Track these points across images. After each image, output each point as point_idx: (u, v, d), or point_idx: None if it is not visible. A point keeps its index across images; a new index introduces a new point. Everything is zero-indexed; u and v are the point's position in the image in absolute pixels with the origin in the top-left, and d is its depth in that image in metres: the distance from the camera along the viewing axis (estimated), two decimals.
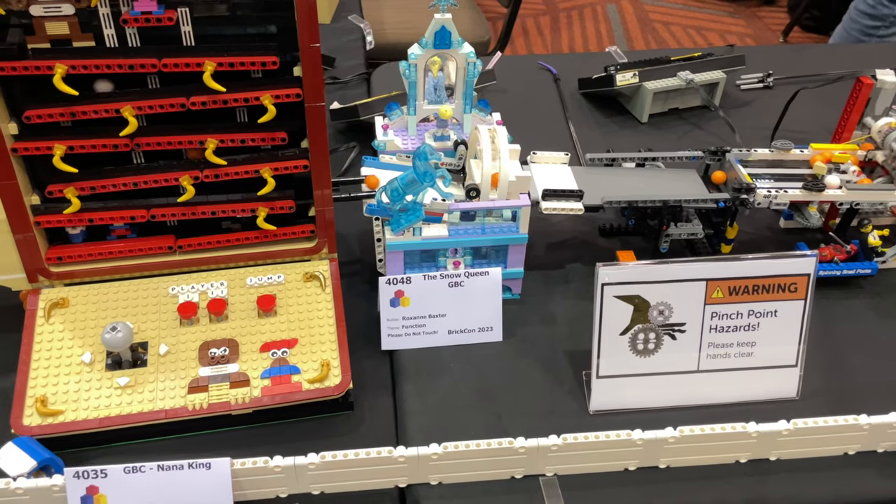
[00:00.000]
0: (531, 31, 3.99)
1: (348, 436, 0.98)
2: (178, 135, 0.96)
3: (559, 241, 1.29)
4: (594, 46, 3.86)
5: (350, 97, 1.64)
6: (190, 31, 0.92)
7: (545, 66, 1.78)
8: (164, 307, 1.01)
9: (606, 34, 4.00)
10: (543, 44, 3.91)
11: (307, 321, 1.01)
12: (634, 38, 3.98)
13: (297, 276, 1.05)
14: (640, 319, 0.96)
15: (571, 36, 3.94)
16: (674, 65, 1.60)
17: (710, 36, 3.97)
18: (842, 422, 0.91)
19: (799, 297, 0.97)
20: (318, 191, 1.02)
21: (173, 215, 1.01)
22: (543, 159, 1.21)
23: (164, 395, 0.94)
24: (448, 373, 1.05)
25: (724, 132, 1.56)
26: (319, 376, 0.96)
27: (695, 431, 0.90)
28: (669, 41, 3.92)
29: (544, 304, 1.16)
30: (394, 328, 1.06)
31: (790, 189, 1.14)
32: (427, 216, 1.07)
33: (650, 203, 1.13)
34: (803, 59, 1.84)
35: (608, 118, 1.62)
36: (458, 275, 1.06)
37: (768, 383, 1.00)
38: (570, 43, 3.89)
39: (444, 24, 1.13)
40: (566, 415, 1.00)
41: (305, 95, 0.95)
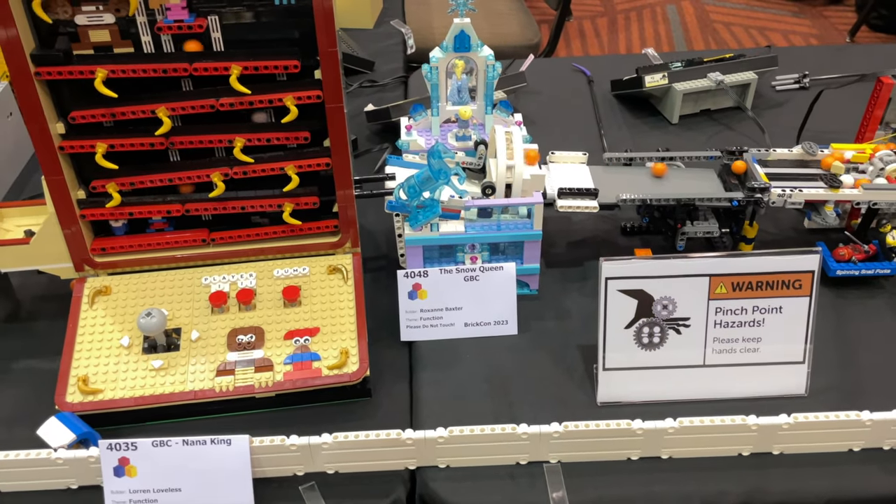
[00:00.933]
0: (588, 33, 3.99)
1: (365, 420, 1.03)
2: (209, 134, 1.03)
3: (580, 239, 1.31)
4: (651, 44, 3.83)
5: (387, 100, 1.70)
6: (219, 38, 0.99)
7: (579, 67, 1.81)
8: (198, 296, 1.08)
9: (665, 35, 3.97)
10: (600, 45, 3.90)
11: (329, 311, 1.07)
12: (694, 38, 3.94)
13: (322, 268, 1.11)
14: (644, 313, 0.99)
15: (629, 38, 3.92)
16: (705, 66, 1.61)
17: (773, 36, 3.90)
18: (843, 417, 0.92)
19: (804, 294, 0.98)
20: (340, 187, 1.08)
21: (206, 210, 1.08)
22: (562, 159, 1.25)
23: (195, 377, 1.01)
24: (463, 364, 1.10)
25: (755, 133, 1.56)
26: (338, 363, 1.01)
27: (695, 423, 0.92)
28: (730, 42, 3.87)
29: (561, 301, 1.19)
30: (412, 320, 1.11)
31: (805, 188, 1.14)
32: (444, 213, 1.11)
33: (664, 201, 1.15)
34: (843, 59, 1.82)
35: (639, 119, 1.64)
36: (474, 269, 1.10)
37: (776, 380, 1.02)
38: (628, 45, 3.87)
39: (463, 28, 1.17)
40: (575, 406, 1.03)
41: (325, 97, 1.00)
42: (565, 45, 3.94)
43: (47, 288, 1.20)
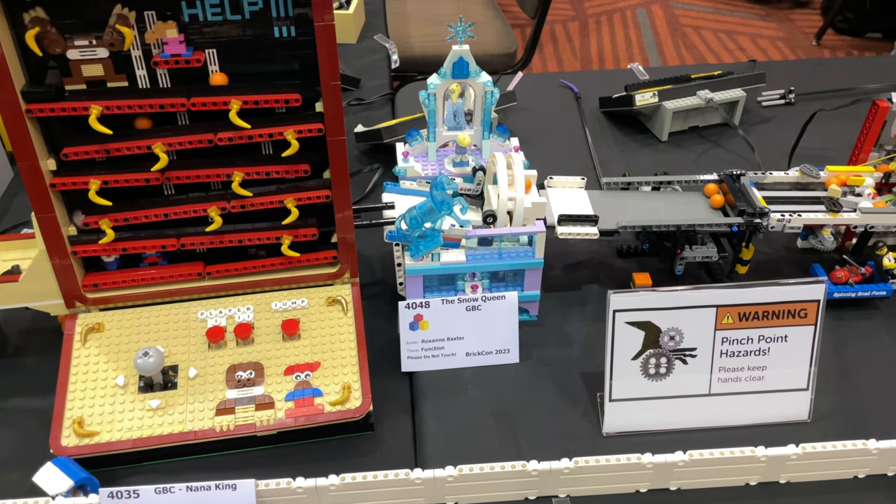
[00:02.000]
0: (560, 38, 4.00)
1: (368, 456, 1.01)
2: (207, 168, 1.01)
3: (577, 262, 1.31)
4: (623, 52, 3.86)
5: (374, 118, 1.69)
6: (218, 71, 0.97)
7: (567, 84, 1.81)
8: (194, 331, 1.06)
9: (636, 40, 4.00)
10: (572, 50, 3.92)
11: (329, 344, 1.05)
12: (664, 42, 3.97)
13: (321, 300, 1.09)
14: (651, 344, 0.98)
15: (600, 42, 3.95)
16: (694, 83, 1.61)
17: (741, 40, 3.95)
18: (850, 446, 0.92)
19: (809, 323, 0.98)
20: (340, 219, 1.06)
21: (202, 244, 1.06)
22: (560, 184, 1.24)
23: (194, 416, 0.98)
24: (466, 394, 1.09)
25: (744, 150, 1.57)
26: (341, 399, 1.00)
27: (704, 455, 0.92)
28: (699, 45, 3.91)
29: (561, 326, 1.19)
30: (413, 351, 1.10)
31: (804, 213, 1.15)
32: (445, 242, 1.10)
33: (664, 227, 1.15)
34: (828, 72, 1.84)
35: (628, 136, 1.64)
36: (476, 298, 1.09)
37: (779, 406, 1.02)
38: (599, 49, 3.90)
39: (462, 55, 1.16)
40: (580, 437, 1.03)
41: (327, 130, 0.99)
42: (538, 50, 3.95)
43: (33, 322, 1.17)
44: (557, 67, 3.76)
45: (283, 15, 0.94)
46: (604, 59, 3.87)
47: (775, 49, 3.91)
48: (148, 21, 0.92)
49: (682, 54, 3.89)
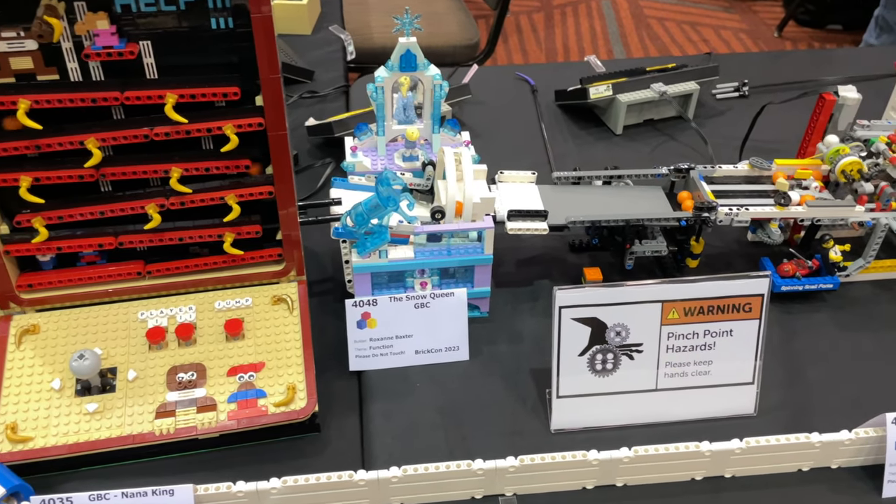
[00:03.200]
0: (525, 29, 3.99)
1: (315, 457, 1.00)
2: (144, 164, 0.98)
3: (529, 257, 1.30)
4: (588, 44, 3.87)
5: (328, 111, 1.66)
6: (153, 63, 0.94)
7: (523, 77, 1.79)
8: (134, 332, 1.03)
9: (601, 31, 4.01)
10: (537, 41, 3.92)
11: (274, 344, 1.03)
12: (629, 34, 3.99)
13: (266, 299, 1.07)
14: (597, 340, 0.98)
15: (566, 34, 3.94)
16: (648, 76, 1.61)
17: (704, 31, 3.98)
18: (794, 440, 0.93)
19: (754, 317, 0.99)
20: (284, 216, 1.04)
21: (141, 242, 1.03)
22: (510, 178, 1.23)
23: (132, 420, 0.96)
24: (415, 393, 1.07)
25: (699, 143, 1.57)
26: (285, 400, 0.98)
27: (649, 451, 0.92)
28: (664, 37, 3.93)
29: (512, 322, 1.18)
30: (361, 349, 1.08)
31: (752, 206, 1.15)
32: (393, 238, 1.09)
33: (613, 222, 1.14)
34: (782, 65, 1.86)
35: (583, 130, 1.64)
36: (424, 296, 1.08)
37: (726, 401, 1.02)
38: (564, 41, 3.90)
39: (409, 47, 1.15)
40: (529, 434, 1.02)
41: (267, 124, 0.96)
42: (502, 41, 3.94)
43: None
44: (522, 59, 3.75)
45: (219, 6, 0.91)
46: (569, 50, 3.87)
47: (737, 41, 3.94)
48: (78, 12, 0.89)
49: (647, 46, 3.90)
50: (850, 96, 1.21)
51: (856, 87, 1.23)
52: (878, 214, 1.15)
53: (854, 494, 0.95)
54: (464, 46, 2.66)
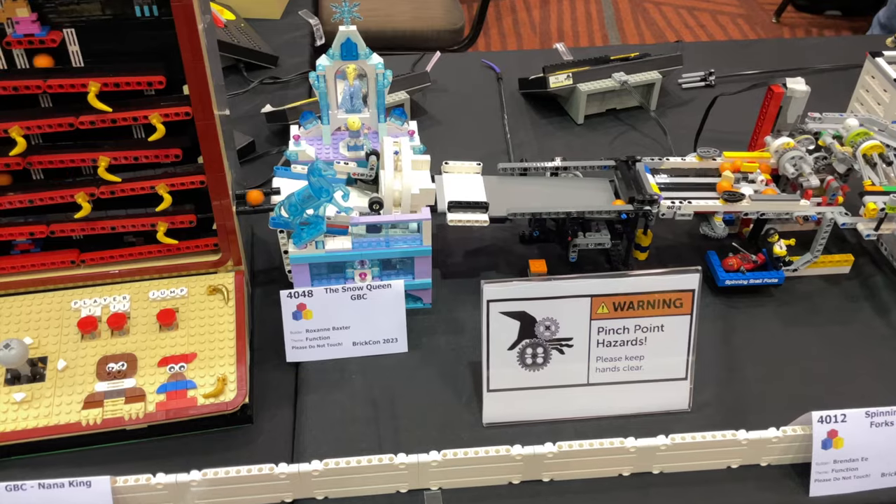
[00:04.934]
0: (520, 11, 3.96)
1: (245, 449, 0.99)
2: (72, 153, 0.97)
3: (477, 248, 1.29)
4: (583, 28, 3.84)
5: (290, 97, 1.65)
6: (77, 51, 0.93)
7: (488, 63, 1.78)
8: (66, 321, 1.02)
9: (597, 15, 3.98)
10: (531, 24, 3.89)
11: (207, 335, 1.03)
12: (625, 18, 3.95)
13: (201, 289, 1.07)
14: (527, 335, 0.97)
15: (561, 17, 3.91)
16: (610, 65, 1.60)
17: (701, 17, 3.94)
18: (720, 437, 0.92)
19: (685, 313, 0.98)
20: (217, 206, 1.03)
21: (73, 231, 1.03)
22: (456, 169, 1.22)
23: (60, 410, 0.95)
24: (350, 385, 1.07)
25: (659, 133, 1.56)
26: (215, 391, 0.98)
27: (573, 447, 0.91)
28: (660, 21, 3.89)
29: (454, 314, 1.17)
30: (298, 340, 1.08)
31: (694, 200, 1.14)
32: (330, 229, 1.08)
33: (553, 215, 1.14)
34: (748, 55, 1.83)
35: (545, 119, 1.62)
36: (361, 287, 1.07)
37: (659, 396, 1.02)
38: (559, 24, 3.87)
39: (349, 35, 1.13)
40: (462, 428, 1.02)
41: (194, 113, 0.95)
42: (496, 21, 3.91)
43: None
44: (516, 43, 3.73)
45: None
46: (563, 34, 3.84)
47: (734, 26, 3.91)
48: None
49: (642, 31, 3.87)
50: (798, 88, 1.19)
51: (812, 81, 1.22)
52: (823, 209, 1.14)
53: (781, 493, 0.95)
54: (448, 31, 2.64)
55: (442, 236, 1.30)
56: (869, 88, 1.48)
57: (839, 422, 0.91)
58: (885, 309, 1.18)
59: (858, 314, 1.17)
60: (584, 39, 3.82)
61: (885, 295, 1.20)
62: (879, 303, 1.19)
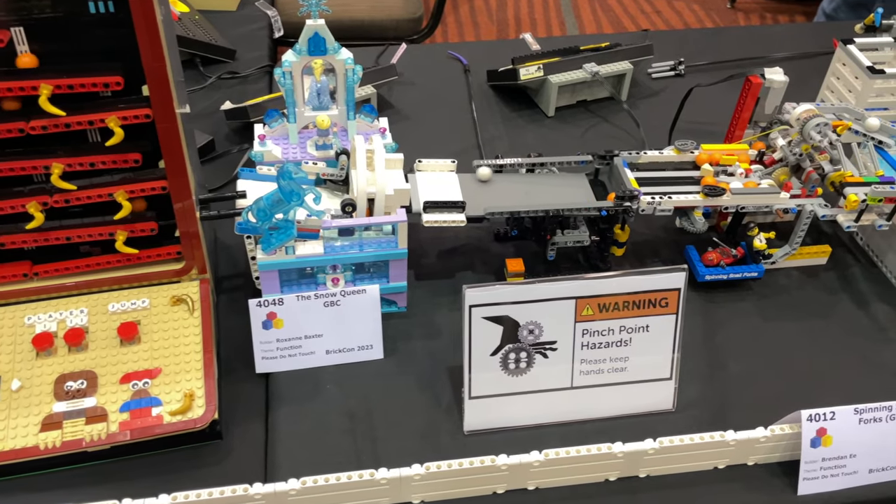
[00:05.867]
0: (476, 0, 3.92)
1: (215, 467, 0.95)
2: (22, 160, 0.91)
3: (452, 247, 1.26)
4: (540, 17, 3.81)
5: (250, 92, 1.59)
6: (27, 52, 0.87)
7: (455, 55, 1.74)
8: (20, 338, 0.96)
9: (553, 2, 3.96)
10: (488, 13, 3.85)
11: (172, 348, 0.98)
12: (581, 5, 3.94)
13: (164, 299, 1.01)
14: (510, 339, 0.94)
15: (517, 4, 3.89)
16: (580, 56, 1.57)
17: (657, 3, 3.93)
18: (707, 439, 0.91)
19: (670, 312, 0.96)
20: (179, 212, 0.98)
21: (25, 242, 0.96)
22: (430, 167, 1.18)
23: (16, 433, 0.90)
24: (325, 395, 1.03)
25: (632, 125, 1.54)
26: (181, 408, 0.93)
27: (560, 454, 0.89)
28: (616, 8, 3.89)
29: (431, 317, 1.14)
30: (268, 350, 1.03)
31: (675, 195, 1.12)
32: (301, 233, 1.03)
33: (532, 213, 1.10)
34: (718, 43, 1.82)
35: (515, 112, 1.59)
36: (334, 293, 1.03)
37: (644, 397, 1.00)
38: (516, 12, 3.84)
39: (317, 30, 1.08)
40: (443, 435, 0.99)
41: (155, 116, 0.90)
42: (453, 13, 3.87)
43: None
44: (474, 32, 3.69)
45: None
46: (520, 22, 3.81)
47: (690, 12, 3.92)
48: None
49: (599, 18, 3.86)
50: (776, 79, 1.18)
51: (783, 70, 1.20)
52: (802, 201, 1.13)
53: (769, 492, 0.93)
54: (407, 20, 2.59)
55: (415, 236, 1.26)
56: (840, 76, 1.47)
57: (828, 419, 0.89)
58: (864, 301, 1.17)
59: (838, 306, 1.17)
60: (541, 28, 3.80)
61: (864, 286, 1.19)
62: (858, 294, 1.19)
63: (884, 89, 1.41)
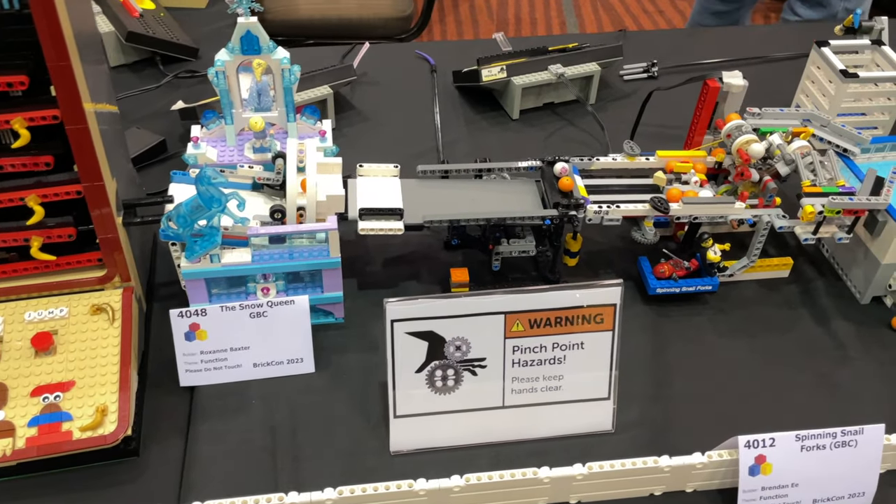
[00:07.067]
0: None
1: (129, 486, 0.91)
2: None
3: (399, 255, 1.21)
4: (541, 15, 3.77)
5: (209, 92, 1.54)
6: None
7: (422, 55, 1.69)
8: None
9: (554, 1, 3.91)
10: (489, 11, 3.81)
11: (89, 360, 0.94)
12: (583, 3, 3.89)
13: (84, 308, 0.97)
14: (436, 356, 0.90)
15: (518, 2, 3.84)
16: (547, 57, 1.52)
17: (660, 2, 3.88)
18: (641, 464, 0.86)
19: (606, 329, 0.91)
20: (96, 217, 0.93)
21: None
22: (372, 172, 1.13)
23: None
24: (249, 411, 0.99)
25: (598, 129, 1.48)
26: (92, 423, 0.89)
27: (482, 480, 0.84)
28: (617, 7, 3.83)
29: (369, 329, 1.09)
30: (192, 363, 0.99)
31: (623, 204, 1.07)
32: (228, 240, 0.99)
33: (473, 221, 1.06)
34: (695, 43, 1.77)
35: (479, 114, 1.54)
36: (261, 305, 0.99)
37: (581, 417, 0.95)
38: (517, 10, 3.80)
39: (249, 28, 1.04)
40: (368, 455, 0.94)
41: (63, 117, 0.86)
42: (452, 9, 3.82)
43: None
44: (473, 31, 3.65)
45: None
46: (521, 21, 3.77)
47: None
48: None
49: (600, 16, 3.81)
50: (734, 83, 1.12)
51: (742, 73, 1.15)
52: (759, 211, 1.08)
53: None
54: (396, 19, 2.54)
55: (361, 243, 1.21)
56: (815, 80, 1.42)
57: (767, 446, 0.84)
58: (825, 316, 1.12)
59: (797, 322, 1.11)
60: (541, 26, 3.75)
61: (826, 301, 1.14)
62: (819, 310, 1.13)
63: (861, 94, 1.36)
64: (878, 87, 1.35)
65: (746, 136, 1.06)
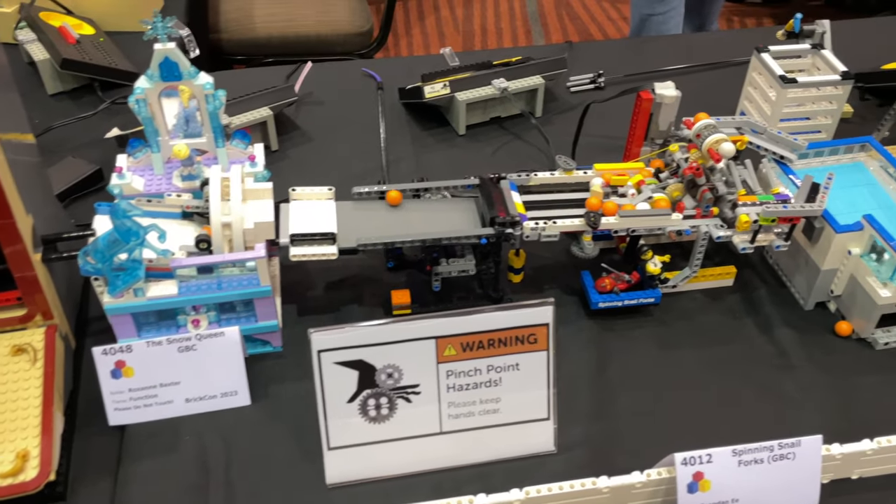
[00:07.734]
0: (442, 8, 3.89)
1: None
2: None
3: (341, 279, 1.19)
4: (506, 25, 3.79)
5: None
6: None
7: (369, 72, 1.67)
8: None
9: (520, 11, 3.93)
10: (454, 22, 3.82)
11: (9, 403, 0.90)
12: (548, 13, 3.91)
13: (4, 349, 0.94)
14: (367, 384, 0.87)
15: (484, 13, 3.85)
16: (491, 71, 1.51)
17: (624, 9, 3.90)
18: (578, 486, 0.84)
19: (540, 349, 0.89)
20: (10, 255, 0.90)
21: None
22: (306, 195, 1.11)
23: None
24: (182, 448, 0.96)
25: (545, 142, 1.47)
26: (13, 469, 0.85)
27: None
28: (583, 16, 3.86)
29: (307, 357, 1.06)
30: (120, 401, 0.96)
31: (560, 219, 1.06)
32: (152, 273, 0.96)
33: (408, 243, 1.04)
34: (644, 52, 1.77)
35: (426, 131, 1.52)
36: (189, 338, 0.96)
37: (522, 439, 0.93)
38: (483, 21, 3.81)
39: (167, 54, 1.02)
40: (306, 490, 0.92)
41: None
42: (418, 21, 3.82)
43: None
44: (438, 43, 3.66)
45: None
46: (487, 32, 3.78)
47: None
48: None
49: (566, 25, 3.84)
50: (667, 94, 1.12)
51: (675, 84, 1.14)
52: (697, 222, 1.06)
53: None
54: (355, 35, 2.53)
55: (300, 268, 1.19)
56: (756, 86, 1.41)
57: (704, 463, 0.83)
58: (769, 324, 1.11)
59: (741, 332, 1.10)
60: (507, 37, 3.76)
61: (770, 309, 1.13)
62: (763, 318, 1.12)
63: (804, 98, 1.36)
64: (820, 91, 1.35)
65: (716, 135, 1.03)
